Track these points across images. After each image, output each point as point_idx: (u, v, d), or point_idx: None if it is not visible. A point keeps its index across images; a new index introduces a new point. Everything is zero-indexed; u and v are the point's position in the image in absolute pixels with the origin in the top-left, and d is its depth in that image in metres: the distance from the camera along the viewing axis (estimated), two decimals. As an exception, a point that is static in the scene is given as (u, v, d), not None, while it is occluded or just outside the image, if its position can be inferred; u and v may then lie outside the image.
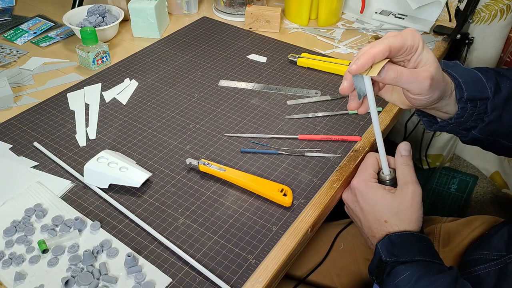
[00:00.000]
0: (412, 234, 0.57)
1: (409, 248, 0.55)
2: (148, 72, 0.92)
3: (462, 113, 0.58)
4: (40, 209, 0.62)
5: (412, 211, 0.57)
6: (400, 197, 0.58)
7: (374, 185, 0.60)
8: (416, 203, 0.58)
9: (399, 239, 0.56)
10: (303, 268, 0.78)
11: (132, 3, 0.99)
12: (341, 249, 0.80)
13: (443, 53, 1.02)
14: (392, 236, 0.56)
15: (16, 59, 0.95)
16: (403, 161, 0.60)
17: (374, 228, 0.59)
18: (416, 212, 0.58)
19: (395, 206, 0.58)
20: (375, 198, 0.59)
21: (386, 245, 0.56)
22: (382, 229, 0.58)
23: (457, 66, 0.60)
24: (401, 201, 0.58)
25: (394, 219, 0.57)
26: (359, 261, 0.78)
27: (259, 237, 0.59)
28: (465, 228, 0.76)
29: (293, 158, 0.71)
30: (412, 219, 0.57)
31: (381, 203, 0.59)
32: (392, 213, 0.58)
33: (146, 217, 0.61)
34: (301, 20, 1.09)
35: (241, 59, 0.96)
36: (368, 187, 0.60)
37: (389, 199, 0.58)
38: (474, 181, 1.36)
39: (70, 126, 0.77)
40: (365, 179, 0.61)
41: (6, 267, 0.55)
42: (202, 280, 0.54)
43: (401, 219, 0.57)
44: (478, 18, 1.02)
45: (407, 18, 1.08)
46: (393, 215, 0.57)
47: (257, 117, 0.80)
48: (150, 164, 0.70)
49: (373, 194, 0.59)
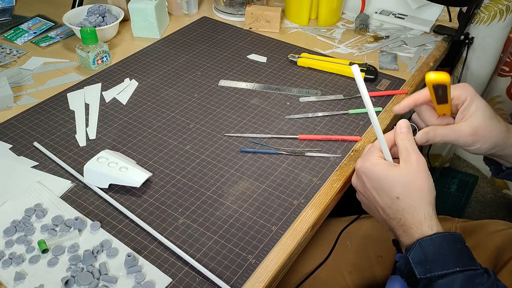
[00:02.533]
0: (444, 236, 0.54)
1: (444, 258, 0.52)
2: (148, 72, 0.92)
3: None
4: (40, 209, 0.62)
5: (422, 180, 0.55)
6: (405, 168, 0.56)
7: (377, 161, 0.58)
8: (424, 172, 0.56)
9: (431, 246, 0.53)
10: (311, 263, 0.78)
11: (132, 3, 0.99)
12: (352, 246, 0.78)
13: (443, 53, 1.02)
14: (424, 243, 0.53)
15: (16, 59, 0.95)
16: (403, 137, 0.58)
17: (388, 207, 0.57)
18: (425, 180, 0.56)
19: (402, 179, 0.55)
20: (381, 174, 0.57)
21: (420, 258, 0.53)
22: (397, 208, 0.56)
23: None
24: (407, 172, 0.55)
25: (404, 193, 0.55)
26: (372, 259, 0.77)
27: (259, 237, 0.59)
28: (480, 230, 0.76)
29: (293, 158, 0.71)
30: (424, 188, 0.55)
31: (388, 177, 0.56)
32: (402, 186, 0.55)
33: (146, 217, 0.61)
34: (301, 20, 1.09)
35: (241, 59, 0.96)
36: (372, 165, 0.58)
37: (395, 173, 0.56)
38: (474, 181, 1.36)
39: (70, 126, 0.77)
40: (369, 158, 0.59)
41: (6, 267, 0.55)
42: (202, 280, 0.54)
43: (412, 190, 0.55)
44: (478, 19, 1.02)
45: (407, 18, 1.09)
46: (403, 188, 0.55)
47: (257, 117, 0.80)
48: (150, 164, 0.70)
49: (378, 170, 0.57)
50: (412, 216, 0.55)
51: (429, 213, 0.55)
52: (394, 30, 1.07)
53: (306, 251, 0.74)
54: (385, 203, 0.57)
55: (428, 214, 0.55)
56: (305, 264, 0.77)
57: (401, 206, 0.55)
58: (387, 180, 0.56)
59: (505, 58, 1.11)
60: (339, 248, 0.77)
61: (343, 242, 0.79)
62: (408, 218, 0.55)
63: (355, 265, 0.77)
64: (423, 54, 0.98)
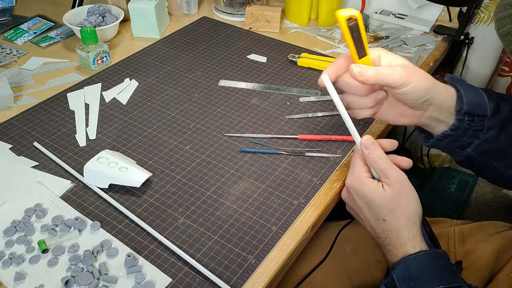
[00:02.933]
0: (427, 253, 0.55)
1: (428, 276, 0.53)
2: (148, 72, 0.92)
3: (459, 125, 0.59)
4: (40, 209, 0.62)
5: (406, 200, 0.57)
6: (390, 192, 0.57)
7: (366, 181, 0.59)
8: (407, 191, 0.57)
9: (415, 264, 0.54)
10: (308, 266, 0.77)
11: (132, 3, 0.99)
12: (351, 251, 0.78)
13: (443, 53, 1.02)
14: (408, 261, 0.54)
15: (16, 59, 0.95)
16: (374, 157, 0.58)
17: (375, 227, 0.59)
18: (410, 200, 0.57)
19: (388, 203, 0.57)
20: (369, 196, 0.58)
21: (404, 276, 0.54)
22: (383, 228, 0.58)
23: (462, 81, 0.62)
24: (392, 196, 0.56)
25: (390, 216, 0.57)
26: (371, 264, 0.77)
27: (259, 237, 0.59)
28: (479, 232, 0.76)
29: (293, 158, 0.71)
30: (409, 209, 0.57)
31: (374, 200, 0.58)
32: (388, 210, 0.57)
33: (146, 217, 0.61)
34: (301, 20, 1.09)
35: (241, 59, 0.96)
36: (361, 184, 0.59)
37: (381, 195, 0.57)
38: (474, 181, 1.36)
39: (70, 126, 0.77)
40: (357, 176, 0.60)
41: (6, 267, 0.55)
42: (202, 280, 0.54)
43: (397, 213, 0.56)
44: (478, 19, 1.02)
45: (407, 18, 1.09)
46: (389, 212, 0.57)
47: (257, 117, 0.80)
48: (150, 164, 0.70)
49: (367, 190, 0.58)
50: (396, 236, 0.57)
51: (413, 233, 0.57)
52: (394, 30, 1.07)
53: (303, 255, 0.74)
54: (372, 221, 0.59)
55: (413, 234, 0.57)
56: (302, 268, 0.77)
57: (387, 227, 0.57)
58: (374, 203, 0.58)
59: (505, 58, 1.10)
60: (338, 253, 0.77)
61: (342, 247, 0.79)
62: (393, 238, 0.57)
63: (354, 270, 0.77)
64: (423, 54, 0.98)
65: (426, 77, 0.58)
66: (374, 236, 0.60)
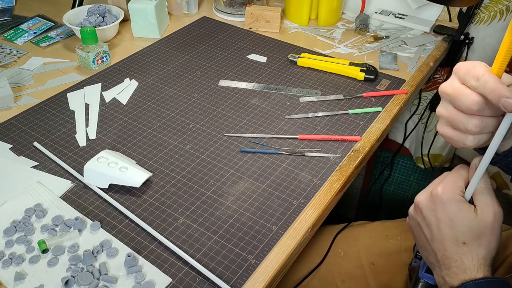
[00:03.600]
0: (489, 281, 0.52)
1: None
2: (148, 72, 0.92)
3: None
4: (40, 209, 0.62)
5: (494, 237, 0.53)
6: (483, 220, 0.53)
7: (461, 199, 0.54)
8: (498, 228, 0.54)
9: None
10: (303, 271, 0.78)
11: (132, 3, 0.99)
12: (344, 254, 0.78)
13: (443, 53, 1.02)
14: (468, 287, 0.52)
15: (16, 59, 0.95)
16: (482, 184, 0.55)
17: (448, 247, 0.54)
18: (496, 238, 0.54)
19: (477, 229, 0.53)
20: (458, 214, 0.53)
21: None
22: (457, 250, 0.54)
23: None
24: (484, 225, 0.53)
25: (474, 243, 0.53)
26: (365, 266, 0.77)
27: (259, 237, 0.59)
28: None
29: (293, 158, 0.71)
30: (492, 246, 0.53)
31: (463, 221, 0.53)
32: (473, 235, 0.53)
33: (146, 217, 0.61)
34: (301, 20, 1.09)
35: (241, 59, 0.96)
36: (454, 200, 0.54)
37: (472, 219, 0.53)
38: (474, 181, 1.36)
39: (70, 126, 0.77)
40: (453, 190, 0.55)
41: (6, 267, 0.55)
42: (202, 280, 0.54)
43: (481, 244, 0.53)
44: (478, 19, 1.02)
45: (407, 18, 1.09)
46: (474, 238, 0.53)
47: (257, 117, 0.80)
48: (150, 164, 0.70)
49: (457, 208, 0.54)
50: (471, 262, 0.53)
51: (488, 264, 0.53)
52: (394, 30, 1.07)
53: (299, 259, 0.74)
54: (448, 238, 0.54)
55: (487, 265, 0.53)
56: (298, 272, 0.77)
57: (464, 251, 0.53)
58: (462, 223, 0.53)
59: (505, 58, 1.10)
60: (332, 257, 0.77)
61: (336, 250, 0.79)
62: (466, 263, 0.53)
63: (348, 273, 0.77)
64: (423, 54, 0.98)
65: None
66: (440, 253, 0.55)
